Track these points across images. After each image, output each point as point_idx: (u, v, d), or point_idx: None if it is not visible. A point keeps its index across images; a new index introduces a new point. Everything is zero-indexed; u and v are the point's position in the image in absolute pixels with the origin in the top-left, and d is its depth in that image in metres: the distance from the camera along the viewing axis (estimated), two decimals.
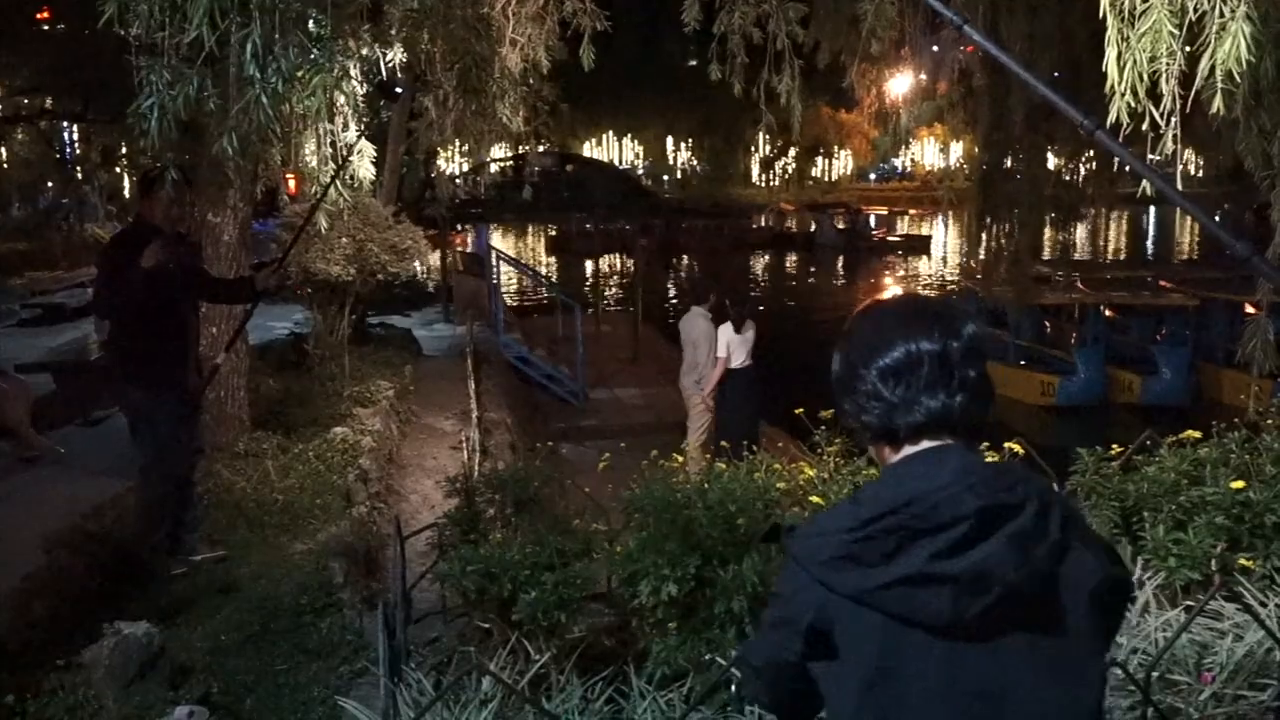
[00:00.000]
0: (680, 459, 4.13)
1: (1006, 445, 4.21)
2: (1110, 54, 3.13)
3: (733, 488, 3.18)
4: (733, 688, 2.90)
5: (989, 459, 1.43)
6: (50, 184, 24.44)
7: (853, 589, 1.32)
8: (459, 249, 15.27)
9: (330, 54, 2.75)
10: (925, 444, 1.40)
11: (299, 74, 2.68)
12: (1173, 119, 3.16)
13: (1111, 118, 3.07)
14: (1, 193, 25.30)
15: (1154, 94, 3.15)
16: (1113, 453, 4.38)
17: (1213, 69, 3.07)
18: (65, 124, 20.77)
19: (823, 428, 4.49)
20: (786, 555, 1.42)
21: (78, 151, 23.80)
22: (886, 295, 1.54)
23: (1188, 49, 3.04)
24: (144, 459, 4.96)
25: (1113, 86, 3.13)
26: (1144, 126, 3.15)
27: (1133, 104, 3.13)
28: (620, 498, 3.50)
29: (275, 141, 3.70)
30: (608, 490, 4.40)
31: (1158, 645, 3.23)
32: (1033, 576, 1.29)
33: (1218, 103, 3.16)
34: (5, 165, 25.35)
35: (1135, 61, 3.13)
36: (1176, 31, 3.06)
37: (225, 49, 2.69)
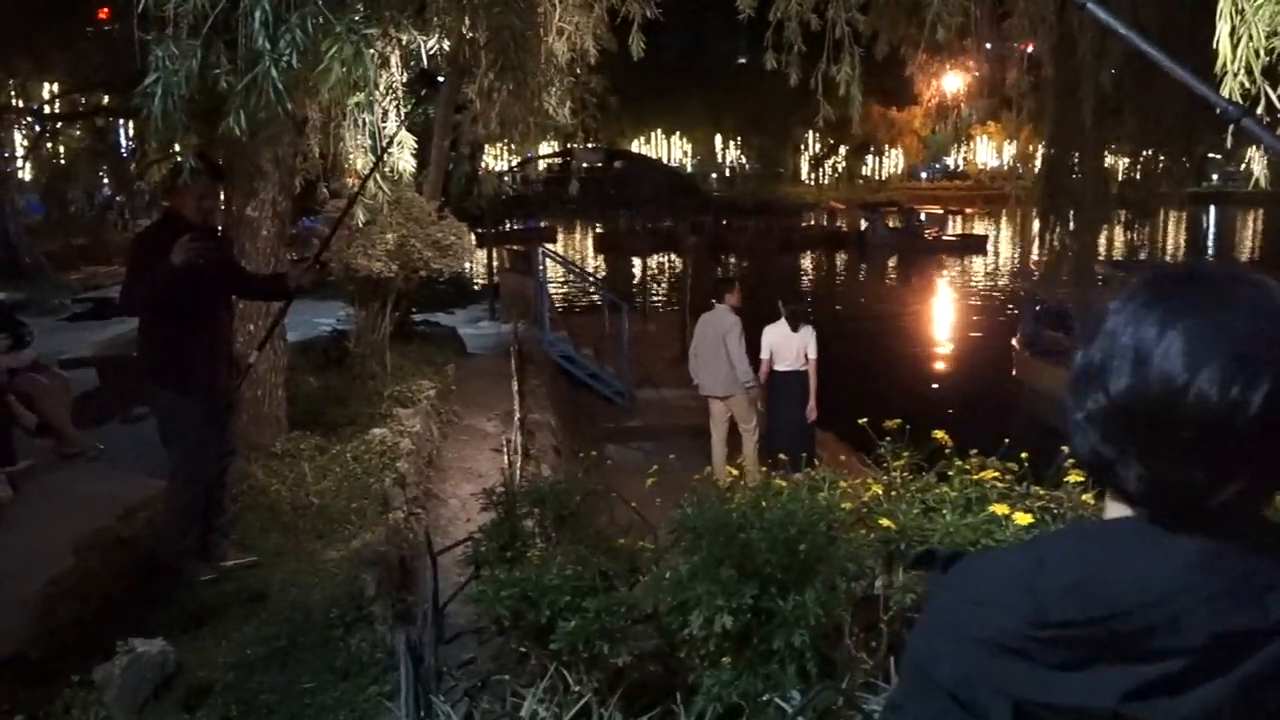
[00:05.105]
0: (735, 471, 3.82)
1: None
2: (1222, 29, 2.83)
3: (793, 508, 2.87)
4: None
5: (1239, 535, 0.95)
6: (105, 180, 24.73)
7: (1010, 690, 0.97)
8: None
9: (353, 26, 2.49)
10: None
11: (319, 47, 2.42)
12: None
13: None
14: (60, 189, 25.66)
15: (1271, 74, 2.85)
16: None
17: None
18: (119, 120, 20.92)
19: (887, 439, 4.16)
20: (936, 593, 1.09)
21: (131, 146, 24.06)
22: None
23: None
24: (172, 462, 4.78)
25: (1224, 64, 2.83)
26: (1260, 109, 2.84)
27: (1246, 84, 2.82)
28: (670, 517, 3.20)
29: (289, 124, 3.44)
30: (655, 502, 4.11)
31: None
32: None
33: None
34: (62, 162, 25.75)
35: (1252, 36, 2.82)
36: None
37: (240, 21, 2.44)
